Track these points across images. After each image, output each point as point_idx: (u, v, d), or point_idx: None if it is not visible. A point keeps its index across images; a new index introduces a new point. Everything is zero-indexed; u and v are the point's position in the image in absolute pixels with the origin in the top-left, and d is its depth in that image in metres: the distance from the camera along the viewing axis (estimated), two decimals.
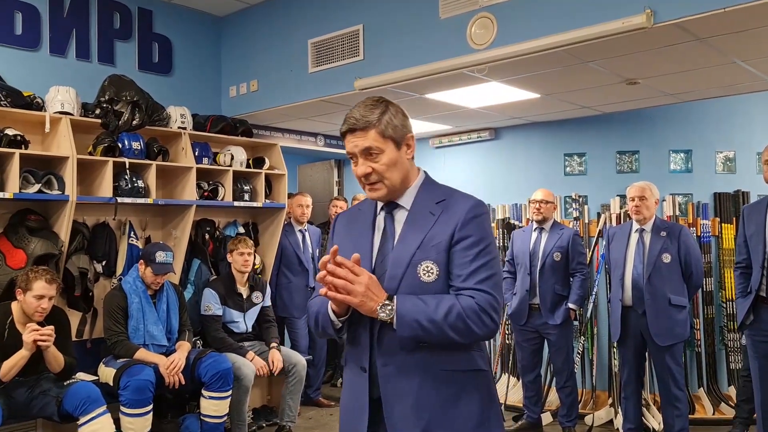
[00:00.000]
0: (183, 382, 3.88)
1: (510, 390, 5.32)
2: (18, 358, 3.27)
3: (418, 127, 5.76)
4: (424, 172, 1.89)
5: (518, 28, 3.57)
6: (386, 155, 1.75)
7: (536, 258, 4.50)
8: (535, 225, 4.60)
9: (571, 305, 4.43)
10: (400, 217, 1.81)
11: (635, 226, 4.14)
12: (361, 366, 1.78)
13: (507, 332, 5.48)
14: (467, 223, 1.72)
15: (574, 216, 5.42)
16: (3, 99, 3.80)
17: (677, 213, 5.15)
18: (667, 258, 3.98)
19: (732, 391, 4.92)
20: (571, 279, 4.50)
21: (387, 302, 1.64)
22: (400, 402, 1.71)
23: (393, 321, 1.64)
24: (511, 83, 4.22)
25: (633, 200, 4.10)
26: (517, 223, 5.64)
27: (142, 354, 3.89)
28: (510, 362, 5.47)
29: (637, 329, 4.05)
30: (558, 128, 5.59)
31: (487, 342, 1.90)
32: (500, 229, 5.75)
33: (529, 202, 4.65)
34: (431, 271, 1.71)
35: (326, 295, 1.65)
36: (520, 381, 4.86)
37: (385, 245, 1.80)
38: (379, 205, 1.86)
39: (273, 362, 4.36)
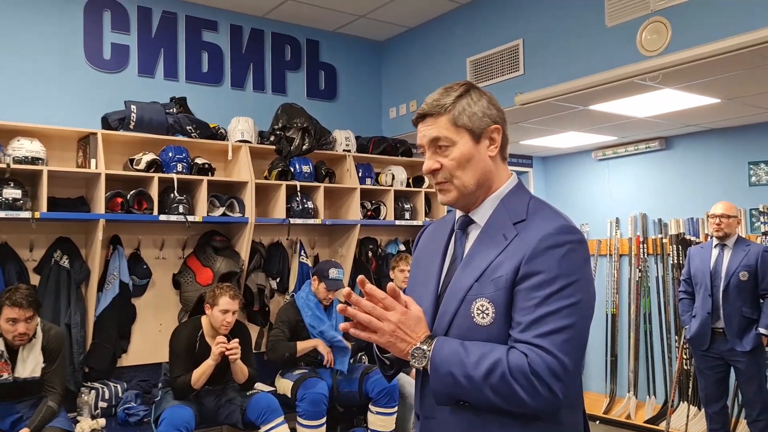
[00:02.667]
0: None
1: (690, 420, 4.91)
2: (205, 368, 3.55)
3: (581, 139, 5.55)
4: (517, 178, 1.52)
5: (695, 30, 3.32)
6: (458, 148, 1.43)
7: (718, 278, 4.14)
8: (715, 241, 4.24)
9: (762, 330, 4.01)
10: (473, 236, 1.48)
11: None
12: (416, 412, 1.52)
13: (685, 357, 5.07)
14: (539, 254, 1.32)
15: (763, 231, 4.91)
16: (193, 131, 4.20)
17: None
18: None
19: None
20: (762, 300, 4.07)
21: (422, 346, 1.34)
22: None
23: (427, 369, 1.34)
24: (687, 89, 3.93)
25: None
26: (693, 238, 5.23)
27: (301, 345, 4.03)
28: (690, 390, 5.05)
29: None
30: (740, 134, 5.11)
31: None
32: (674, 245, 5.36)
33: (708, 216, 4.28)
34: (486, 311, 1.35)
35: (348, 331, 1.37)
36: (703, 411, 4.46)
37: (451, 269, 1.48)
38: (457, 218, 1.53)
39: None
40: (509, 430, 1.34)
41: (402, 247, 5.21)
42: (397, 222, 4.92)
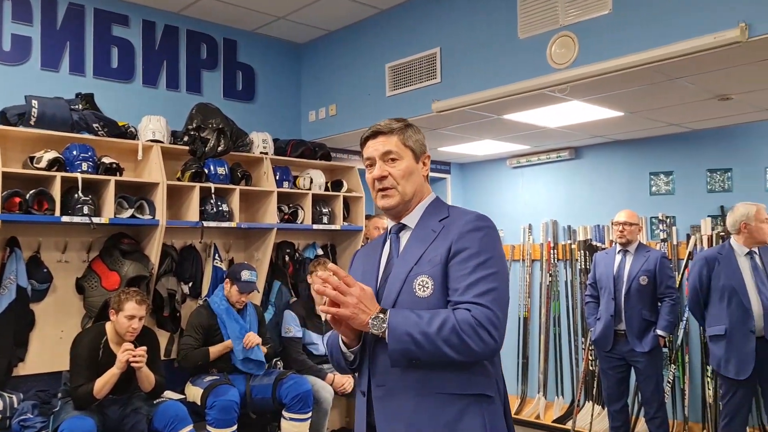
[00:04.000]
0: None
1: (594, 419, 5.12)
2: (109, 376, 3.40)
3: (496, 147, 5.70)
4: (436, 195, 1.88)
5: (601, 46, 3.48)
6: (404, 162, 1.78)
7: (621, 282, 4.34)
8: (618, 247, 4.45)
9: (659, 332, 4.24)
10: (406, 237, 1.80)
11: (743, 248, 3.87)
12: (360, 390, 1.75)
13: (591, 358, 5.29)
14: (464, 235, 1.67)
15: (662, 238, 5.20)
16: (100, 129, 4.02)
17: None
18: None
19: None
20: (659, 304, 4.30)
21: (379, 314, 1.59)
22: (392, 426, 1.65)
23: (385, 334, 1.58)
24: (593, 102, 4.11)
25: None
26: (599, 245, 5.46)
27: (213, 349, 4.03)
28: (594, 390, 5.27)
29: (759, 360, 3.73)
30: (643, 146, 5.39)
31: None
32: (581, 251, 5.58)
33: (613, 223, 4.49)
34: (426, 285, 1.66)
35: (321, 309, 1.63)
36: (606, 410, 4.66)
37: (389, 266, 1.79)
38: (389, 228, 1.87)
39: (343, 384, 4.36)
40: (452, 379, 1.62)
41: (320, 252, 5.19)
42: (315, 226, 4.89)
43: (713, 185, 5.13)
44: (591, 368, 5.32)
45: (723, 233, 4.85)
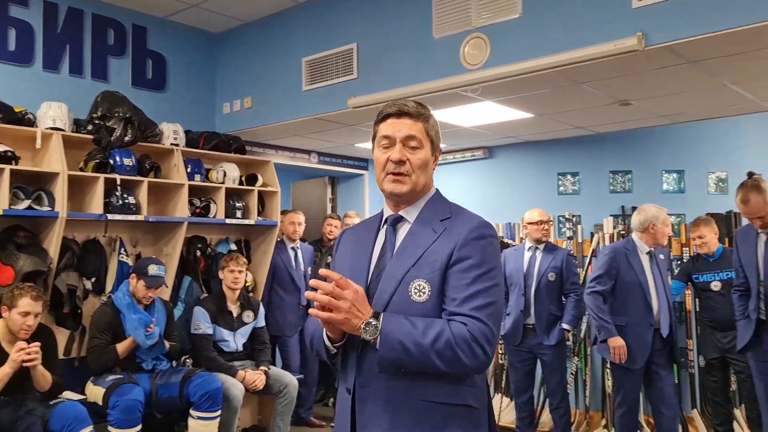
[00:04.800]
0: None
1: (503, 410, 5.27)
2: (1, 376, 3.21)
3: None
4: (437, 189, 1.81)
5: (511, 49, 3.58)
6: (424, 152, 1.70)
7: (531, 278, 4.48)
8: (529, 245, 4.58)
9: (565, 326, 4.41)
10: (403, 231, 1.72)
11: (645, 247, 4.06)
12: (346, 387, 1.70)
13: (500, 352, 5.45)
14: (468, 243, 1.61)
15: (568, 236, 5.42)
16: None
17: (670, 233, 5.14)
18: (669, 279, 4.09)
19: (695, 414, 4.91)
20: (565, 299, 4.48)
21: (372, 320, 1.53)
22: (373, 428, 1.61)
23: (376, 341, 1.53)
24: (504, 103, 4.23)
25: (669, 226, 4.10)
26: (511, 242, 5.63)
27: (120, 347, 3.89)
28: (503, 383, 5.43)
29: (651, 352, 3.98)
30: (551, 147, 5.61)
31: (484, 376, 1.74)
32: None
33: (529, 222, 4.53)
34: (423, 290, 1.60)
35: (312, 314, 1.55)
36: (513, 402, 4.82)
37: (382, 260, 1.70)
38: (385, 217, 1.79)
39: (254, 381, 4.30)
40: (438, 388, 1.59)
41: (233, 247, 5.08)
42: (228, 221, 4.79)
43: (615, 186, 5.40)
44: (500, 362, 5.49)
45: (623, 232, 5.11)
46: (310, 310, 1.55)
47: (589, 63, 3.30)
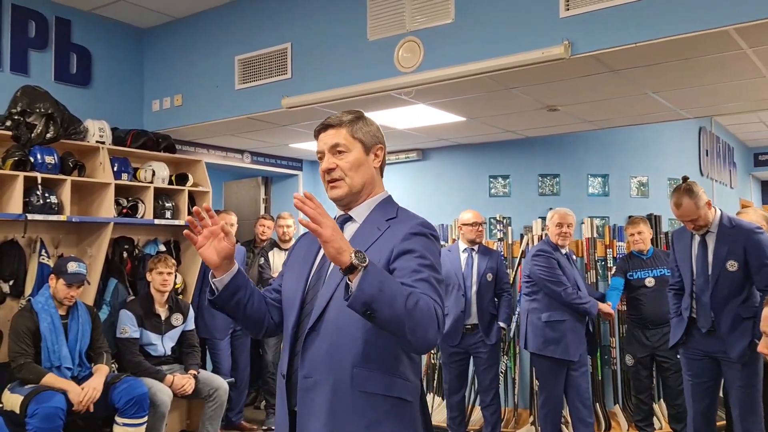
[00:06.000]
0: (91, 410, 3.70)
1: (435, 410, 5.34)
2: None
3: None
4: (389, 193, 1.87)
5: (444, 53, 3.64)
6: (353, 154, 1.77)
7: (469, 279, 4.50)
8: (463, 246, 4.62)
9: (502, 324, 4.50)
10: (350, 230, 1.78)
11: (564, 250, 4.30)
12: (281, 372, 1.74)
13: (432, 352, 5.52)
14: (409, 238, 1.67)
15: (499, 237, 5.54)
16: None
17: (595, 235, 5.35)
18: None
19: (617, 409, 5.14)
20: (497, 299, 4.57)
21: (359, 251, 1.49)
22: (313, 418, 1.64)
23: (360, 272, 1.46)
24: (437, 106, 4.29)
25: (562, 226, 4.28)
26: (443, 243, 5.71)
27: (51, 379, 3.69)
28: (435, 382, 5.50)
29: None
30: (483, 150, 5.72)
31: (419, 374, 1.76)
32: None
33: (465, 224, 4.57)
34: None
35: (302, 223, 1.51)
36: (445, 401, 4.87)
37: (326, 257, 1.70)
38: (337, 216, 1.83)
39: (183, 386, 4.21)
40: (378, 380, 1.63)
41: (162, 248, 4.95)
42: (157, 221, 4.66)
43: (544, 189, 5.57)
44: (432, 362, 5.55)
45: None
46: (300, 218, 1.53)
47: (518, 69, 3.39)
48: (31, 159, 3.98)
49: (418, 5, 3.72)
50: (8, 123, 4.01)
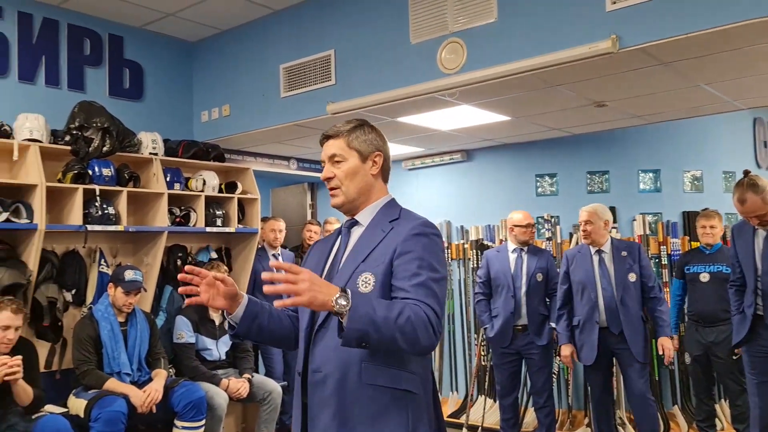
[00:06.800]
0: (154, 411, 3.81)
1: (487, 412, 5.30)
2: None
3: (391, 149, 5.76)
4: (392, 197, 1.95)
5: (487, 53, 3.63)
6: (348, 164, 1.86)
7: (519, 279, 4.44)
8: (513, 246, 4.55)
9: (553, 324, 4.45)
10: (357, 234, 1.87)
11: (593, 248, 4.18)
12: (297, 371, 1.82)
13: (483, 354, 5.49)
14: (410, 238, 1.74)
15: (547, 237, 5.48)
16: None
17: (647, 232, 5.23)
18: (633, 277, 4.07)
19: (676, 410, 4.99)
20: (548, 300, 4.52)
21: (342, 293, 1.54)
22: (323, 411, 1.71)
23: (345, 315, 1.53)
24: (481, 106, 4.27)
25: (581, 224, 4.18)
26: (490, 243, 5.68)
27: (112, 384, 3.82)
28: (486, 384, 5.46)
29: (608, 349, 4.09)
30: (529, 149, 5.67)
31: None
32: (474, 250, 5.78)
33: (517, 226, 4.49)
34: (368, 281, 1.72)
35: (278, 305, 1.59)
36: (497, 403, 4.82)
37: (336, 259, 1.86)
38: (345, 221, 1.94)
39: (238, 389, 4.29)
40: (384, 373, 1.69)
41: (214, 255, 5.06)
42: (209, 229, 4.77)
43: (593, 186, 5.47)
44: (483, 363, 5.52)
45: None
46: (275, 302, 1.60)
47: (564, 66, 3.35)
48: (90, 172, 4.12)
49: (460, 6, 3.72)
50: (67, 138, 4.17)
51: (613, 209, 5.09)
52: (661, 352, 4.07)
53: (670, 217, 5.31)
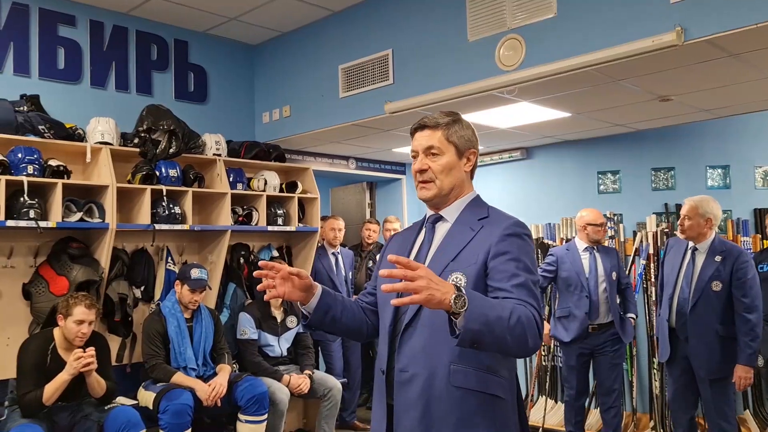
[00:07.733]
0: (219, 405, 3.93)
1: (547, 413, 5.23)
2: (60, 382, 3.33)
3: None
4: (477, 193, 1.90)
5: (546, 48, 3.57)
6: (445, 158, 1.81)
7: (594, 279, 4.32)
8: (584, 245, 4.41)
9: (632, 315, 4.40)
10: (443, 230, 1.83)
11: (690, 243, 3.88)
12: (380, 368, 1.78)
13: (543, 353, 5.41)
14: (505, 239, 1.69)
15: (610, 235, 5.35)
16: (46, 131, 3.94)
17: (717, 230, 5.03)
18: (717, 286, 3.65)
19: (747, 415, 4.76)
20: (619, 296, 4.42)
21: (459, 293, 1.46)
22: (408, 413, 1.68)
23: (463, 314, 1.45)
24: (541, 103, 4.21)
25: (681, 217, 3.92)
26: (550, 242, 5.58)
27: (179, 378, 3.95)
28: (547, 384, 5.38)
29: (683, 353, 3.81)
30: (590, 146, 5.54)
31: (520, 370, 1.78)
32: (535, 249, 5.70)
33: (591, 224, 4.38)
34: (459, 282, 1.67)
35: (395, 303, 1.50)
36: (565, 404, 4.63)
37: (420, 254, 1.82)
38: (426, 216, 1.91)
39: (299, 385, 4.36)
40: (473, 376, 1.65)
41: (275, 253, 5.17)
42: (270, 228, 4.88)
43: (658, 183, 5.31)
44: (544, 363, 5.44)
45: (667, 230, 5.02)
46: (392, 301, 1.51)
47: (627, 60, 3.27)
48: (157, 173, 4.28)
49: (518, 2, 3.67)
50: (136, 140, 4.34)
51: (679, 206, 4.92)
52: (734, 380, 3.63)
53: (740, 214, 5.10)
